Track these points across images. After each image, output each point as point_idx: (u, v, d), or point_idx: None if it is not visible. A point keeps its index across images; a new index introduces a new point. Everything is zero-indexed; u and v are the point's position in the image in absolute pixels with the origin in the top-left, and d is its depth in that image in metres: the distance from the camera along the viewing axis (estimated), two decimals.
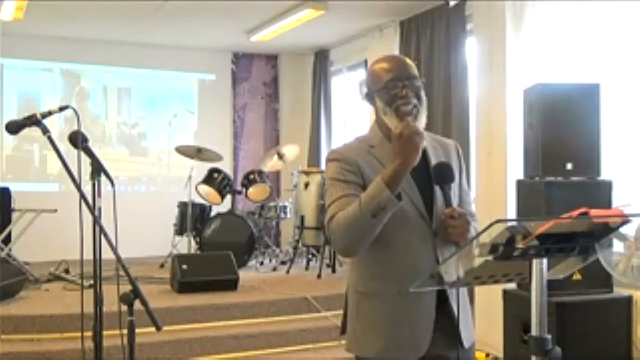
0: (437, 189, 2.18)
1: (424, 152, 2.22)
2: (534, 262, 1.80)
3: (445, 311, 2.17)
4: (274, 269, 6.75)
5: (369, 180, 2.13)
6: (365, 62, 7.41)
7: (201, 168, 7.10)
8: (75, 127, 2.77)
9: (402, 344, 2.15)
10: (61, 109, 2.80)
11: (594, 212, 1.78)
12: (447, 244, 2.15)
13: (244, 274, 5.85)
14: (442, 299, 2.16)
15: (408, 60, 2.26)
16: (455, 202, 2.19)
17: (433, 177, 2.18)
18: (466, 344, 2.22)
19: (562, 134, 3.97)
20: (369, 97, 2.26)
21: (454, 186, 2.22)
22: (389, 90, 2.17)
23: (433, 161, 2.23)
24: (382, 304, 2.17)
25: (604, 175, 4.05)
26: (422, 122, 2.18)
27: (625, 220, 1.81)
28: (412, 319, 2.14)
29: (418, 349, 2.14)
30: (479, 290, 4.89)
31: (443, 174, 2.17)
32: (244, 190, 7.19)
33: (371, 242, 2.11)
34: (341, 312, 2.38)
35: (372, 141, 2.25)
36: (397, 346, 2.15)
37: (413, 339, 2.14)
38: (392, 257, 2.15)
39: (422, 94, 2.21)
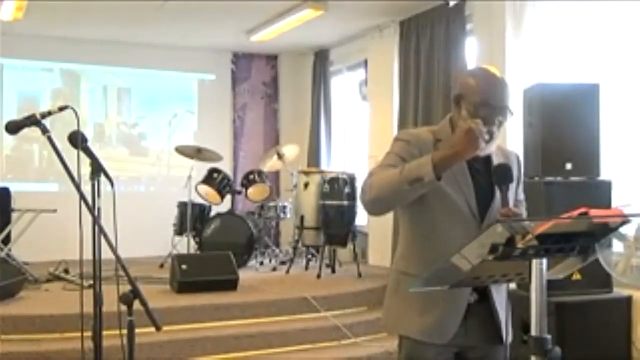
0: (497, 192, 2.26)
1: (489, 156, 2.32)
2: (534, 262, 1.80)
3: (487, 304, 2.26)
4: (274, 269, 6.74)
5: None
6: (365, 62, 7.41)
7: (201, 168, 7.09)
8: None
9: (431, 327, 2.24)
10: (61, 109, 2.80)
11: (593, 212, 1.78)
12: None
13: (243, 274, 5.84)
14: (482, 292, 2.25)
15: (507, 86, 2.28)
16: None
17: (493, 177, 2.26)
18: (505, 341, 2.29)
19: (562, 134, 3.97)
20: (456, 99, 2.29)
21: (511, 192, 2.28)
22: (478, 110, 2.22)
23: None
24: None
25: (604, 175, 4.05)
26: (493, 147, 2.25)
27: (624, 220, 1.82)
28: (443, 305, 2.23)
29: (444, 335, 2.23)
30: None
31: (502, 175, 2.24)
32: (243, 190, 7.19)
33: (420, 228, 2.27)
34: (340, 312, 2.44)
35: (440, 135, 2.31)
36: (426, 328, 2.25)
37: (441, 324, 2.23)
38: (437, 246, 2.23)
39: (505, 122, 2.27)
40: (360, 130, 7.69)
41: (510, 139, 4.91)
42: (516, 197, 2.41)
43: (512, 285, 4.06)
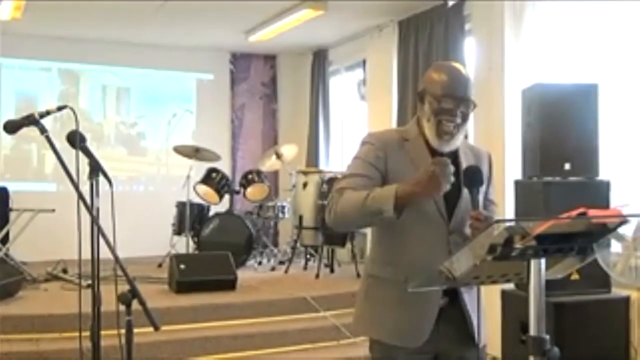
0: (464, 192, 2.24)
1: (456, 156, 2.31)
2: (532, 262, 1.80)
3: (458, 307, 2.25)
4: (272, 269, 6.74)
5: (391, 169, 2.26)
6: (364, 62, 7.41)
7: (199, 168, 7.09)
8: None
9: (403, 330, 2.23)
10: (59, 108, 2.79)
11: (592, 212, 1.78)
12: (462, 243, 2.20)
13: (242, 274, 5.84)
14: (453, 295, 2.24)
15: (469, 80, 2.31)
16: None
17: (463, 180, 2.24)
18: (479, 342, 2.27)
19: (561, 134, 3.96)
20: (420, 95, 2.32)
21: (481, 192, 2.27)
22: (441, 102, 2.24)
23: (464, 165, 2.30)
24: (389, 290, 2.25)
25: (602, 176, 4.05)
26: (458, 142, 2.29)
27: (623, 220, 1.81)
28: (415, 307, 2.22)
29: (418, 338, 2.22)
30: None
31: (472, 177, 2.23)
32: (242, 190, 7.19)
33: (389, 231, 2.26)
34: (339, 312, 2.44)
35: (408, 135, 2.35)
36: (398, 332, 2.24)
37: (414, 327, 2.23)
38: (406, 248, 2.24)
39: (469, 115, 2.29)
40: (358, 130, 7.68)
41: (509, 139, 4.92)
42: (486, 196, 2.40)
43: (510, 286, 4.08)
